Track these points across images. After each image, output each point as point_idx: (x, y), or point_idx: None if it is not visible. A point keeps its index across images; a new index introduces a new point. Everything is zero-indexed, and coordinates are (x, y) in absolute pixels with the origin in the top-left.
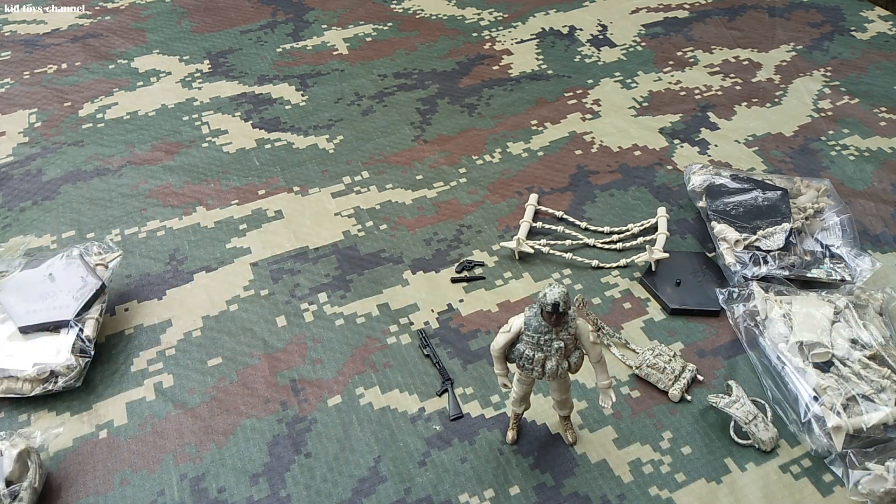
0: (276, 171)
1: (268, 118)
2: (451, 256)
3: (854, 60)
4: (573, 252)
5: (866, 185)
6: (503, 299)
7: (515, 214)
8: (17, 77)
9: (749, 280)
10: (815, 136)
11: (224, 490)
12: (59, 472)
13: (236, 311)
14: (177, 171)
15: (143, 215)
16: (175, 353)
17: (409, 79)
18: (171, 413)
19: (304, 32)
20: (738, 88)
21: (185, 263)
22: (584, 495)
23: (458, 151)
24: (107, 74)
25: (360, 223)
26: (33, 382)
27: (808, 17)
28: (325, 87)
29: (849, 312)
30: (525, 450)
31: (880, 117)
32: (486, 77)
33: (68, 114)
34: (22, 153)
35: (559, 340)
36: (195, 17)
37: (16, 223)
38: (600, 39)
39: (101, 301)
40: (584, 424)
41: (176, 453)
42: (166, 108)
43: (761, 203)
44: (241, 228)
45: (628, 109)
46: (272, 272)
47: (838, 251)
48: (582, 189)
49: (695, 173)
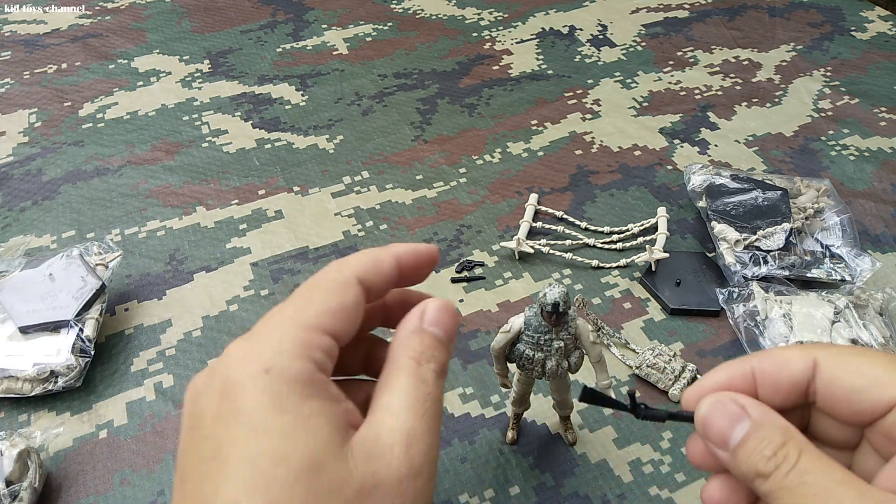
0: (276, 171)
1: (268, 118)
2: (451, 256)
3: (854, 60)
4: (573, 252)
5: (866, 185)
6: (503, 299)
7: (515, 214)
8: (17, 77)
9: (749, 280)
10: (815, 136)
11: None
12: (59, 472)
13: (236, 310)
14: (177, 171)
15: (143, 215)
16: (175, 353)
17: (409, 79)
18: (172, 413)
19: (304, 32)
20: (738, 88)
21: (185, 263)
22: (584, 495)
23: (458, 151)
24: (107, 74)
25: (360, 223)
26: (33, 382)
27: (808, 17)
28: (325, 87)
29: (849, 312)
30: (525, 450)
31: (880, 117)
32: (486, 77)
33: (68, 114)
34: (22, 153)
35: (559, 340)
36: (195, 17)
37: (16, 223)
38: (600, 39)
39: (101, 301)
40: (584, 424)
41: (176, 453)
42: (166, 108)
43: (761, 203)
44: (241, 228)
45: (628, 109)
46: (272, 272)
47: (838, 251)
48: (582, 189)
49: (695, 173)
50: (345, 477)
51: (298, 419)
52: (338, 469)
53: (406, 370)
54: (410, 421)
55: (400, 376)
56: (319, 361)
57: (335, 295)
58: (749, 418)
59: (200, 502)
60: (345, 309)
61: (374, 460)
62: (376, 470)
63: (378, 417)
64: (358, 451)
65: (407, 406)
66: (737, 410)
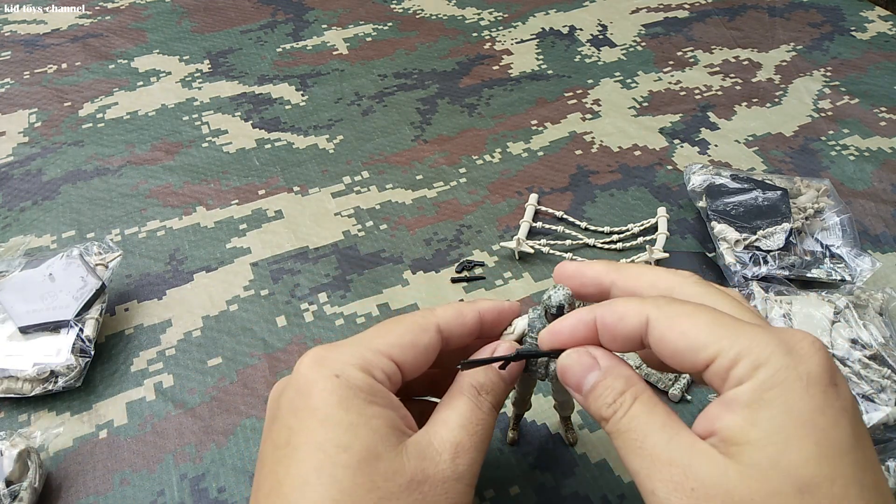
0: (276, 171)
1: (268, 118)
2: (451, 256)
3: (854, 60)
4: (573, 252)
5: (866, 185)
6: (503, 299)
7: (515, 214)
8: (17, 77)
9: (749, 280)
10: (815, 136)
11: (224, 490)
12: (59, 472)
13: (236, 310)
14: (177, 171)
15: (143, 215)
16: (175, 353)
17: (409, 79)
18: (171, 413)
19: (304, 32)
20: (738, 88)
21: (185, 263)
22: (584, 495)
23: (458, 151)
24: (107, 74)
25: (360, 223)
26: (33, 382)
27: (808, 17)
28: (325, 87)
29: (849, 312)
30: (525, 450)
31: (880, 117)
32: (486, 77)
33: (68, 114)
34: (22, 153)
35: None
36: (195, 17)
37: (16, 223)
38: (600, 39)
39: (101, 301)
40: (584, 424)
41: (176, 453)
42: (166, 108)
43: (761, 203)
44: (241, 228)
45: (628, 109)
46: (272, 272)
47: (838, 251)
48: (582, 189)
49: (695, 173)
50: (398, 468)
51: (361, 417)
52: (392, 461)
53: (467, 395)
54: (461, 436)
55: (461, 399)
56: (380, 378)
57: (410, 334)
58: (599, 369)
59: (275, 482)
60: (415, 347)
61: (425, 460)
62: (426, 468)
63: (434, 428)
64: (412, 451)
65: (460, 424)
66: (589, 361)
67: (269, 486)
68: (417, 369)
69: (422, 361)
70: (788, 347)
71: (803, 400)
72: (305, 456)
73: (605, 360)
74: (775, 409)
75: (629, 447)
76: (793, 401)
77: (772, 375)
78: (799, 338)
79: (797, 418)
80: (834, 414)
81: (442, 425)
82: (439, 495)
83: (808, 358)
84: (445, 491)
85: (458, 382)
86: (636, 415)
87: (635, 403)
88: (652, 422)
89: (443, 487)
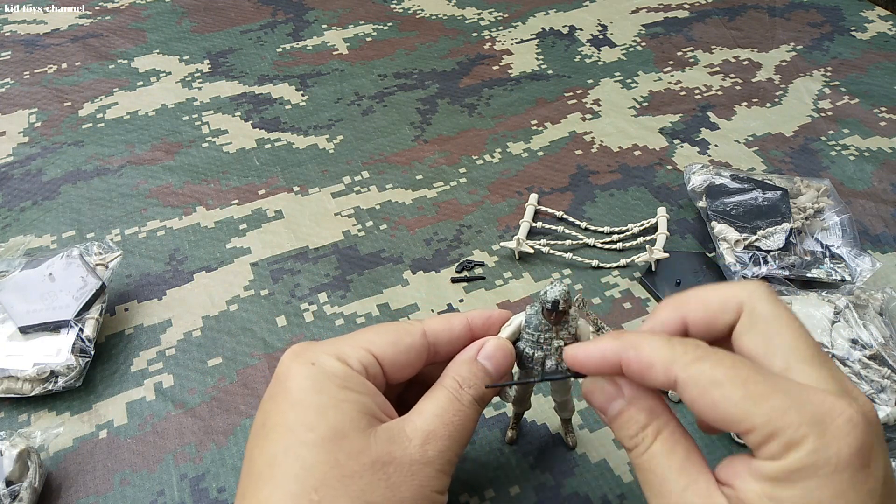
0: (276, 171)
1: (268, 118)
2: (451, 256)
3: (854, 60)
4: (573, 252)
5: (866, 185)
6: (503, 299)
7: (515, 214)
8: (17, 77)
9: (749, 280)
10: (815, 136)
11: (224, 490)
12: (59, 472)
13: (236, 310)
14: (177, 171)
15: (143, 215)
16: (175, 353)
17: (409, 79)
18: (171, 413)
19: (304, 32)
20: (738, 88)
21: (185, 263)
22: (584, 495)
23: (458, 151)
24: (107, 74)
25: (360, 223)
26: (33, 382)
27: (808, 17)
28: (325, 87)
29: (849, 312)
30: (525, 450)
31: (880, 117)
32: (486, 77)
33: (68, 114)
34: (22, 153)
35: (559, 339)
36: (195, 17)
37: (16, 223)
38: (600, 39)
39: (101, 301)
40: (584, 424)
41: (176, 453)
42: (166, 108)
43: (761, 203)
44: (241, 228)
45: (628, 109)
46: (272, 272)
47: (838, 251)
48: (582, 189)
49: (695, 173)
50: (363, 448)
51: (332, 400)
52: (357, 440)
53: (448, 388)
54: (435, 424)
55: (441, 391)
56: (356, 367)
57: (393, 334)
58: (623, 398)
59: (249, 462)
60: (396, 345)
61: (393, 444)
62: (392, 451)
63: (410, 417)
64: (382, 434)
65: (435, 413)
66: (613, 391)
67: (246, 467)
68: (401, 368)
69: (404, 360)
70: (824, 426)
71: (827, 486)
72: (276, 437)
73: (629, 390)
74: (797, 491)
75: (648, 485)
76: (815, 486)
77: (802, 458)
78: (839, 411)
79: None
80: (858, 499)
81: (418, 415)
82: (404, 476)
83: (843, 437)
84: (412, 473)
85: (442, 375)
86: (655, 454)
87: (656, 441)
88: (671, 465)
89: (409, 470)
